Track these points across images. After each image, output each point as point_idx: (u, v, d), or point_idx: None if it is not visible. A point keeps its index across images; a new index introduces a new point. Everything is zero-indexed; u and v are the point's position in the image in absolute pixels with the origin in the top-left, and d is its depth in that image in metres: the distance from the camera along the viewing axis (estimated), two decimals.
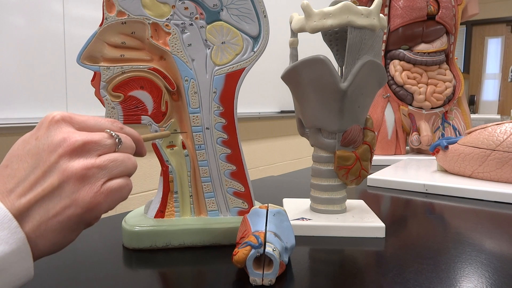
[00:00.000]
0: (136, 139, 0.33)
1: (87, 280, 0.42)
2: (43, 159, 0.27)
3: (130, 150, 0.31)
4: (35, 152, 0.27)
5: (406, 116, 1.16)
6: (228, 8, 0.49)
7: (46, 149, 0.27)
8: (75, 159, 0.27)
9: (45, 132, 0.28)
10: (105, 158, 0.28)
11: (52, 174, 0.27)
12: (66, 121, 0.28)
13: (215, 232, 0.50)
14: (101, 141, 0.28)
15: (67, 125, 0.28)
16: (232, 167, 0.52)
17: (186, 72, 0.49)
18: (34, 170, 0.27)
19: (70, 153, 0.27)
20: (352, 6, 0.51)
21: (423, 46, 1.13)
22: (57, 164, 0.27)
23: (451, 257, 0.47)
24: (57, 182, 0.27)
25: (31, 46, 1.35)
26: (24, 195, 0.26)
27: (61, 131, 0.28)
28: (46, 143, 0.27)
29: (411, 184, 0.82)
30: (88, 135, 0.28)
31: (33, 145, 0.27)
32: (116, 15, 0.47)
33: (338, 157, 0.56)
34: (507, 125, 0.82)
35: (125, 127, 0.32)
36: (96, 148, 0.28)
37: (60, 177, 0.27)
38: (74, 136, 0.27)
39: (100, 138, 0.29)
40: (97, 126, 0.30)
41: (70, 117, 0.29)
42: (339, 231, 0.54)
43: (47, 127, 0.28)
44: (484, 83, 5.43)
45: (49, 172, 0.27)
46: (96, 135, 0.28)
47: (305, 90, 0.55)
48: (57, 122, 0.28)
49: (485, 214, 0.66)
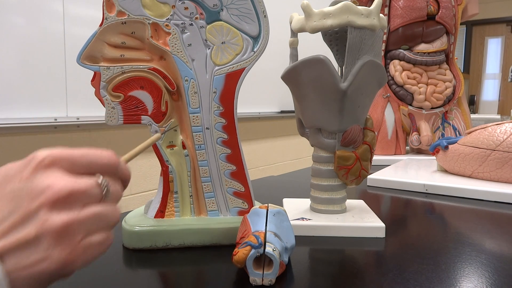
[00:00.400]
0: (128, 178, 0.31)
1: (87, 280, 0.41)
2: (23, 205, 0.25)
3: (117, 199, 0.29)
4: (16, 195, 0.25)
5: (406, 116, 1.16)
6: (228, 8, 0.49)
7: (28, 194, 0.25)
8: (57, 211, 0.25)
9: (31, 175, 0.25)
10: (88, 212, 0.26)
11: (30, 223, 0.24)
12: (56, 163, 0.26)
13: (215, 232, 0.50)
14: (87, 192, 0.26)
15: (55, 169, 0.26)
16: (232, 167, 0.52)
17: (186, 72, 0.49)
18: (12, 214, 0.25)
19: (53, 203, 0.25)
20: (352, 6, 0.51)
21: (423, 46, 1.13)
22: (36, 214, 0.24)
23: (451, 257, 0.47)
24: (34, 233, 0.24)
25: (31, 46, 1.35)
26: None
27: (47, 176, 0.25)
28: (29, 188, 0.25)
29: (411, 184, 0.82)
30: (75, 183, 0.26)
31: (16, 186, 0.25)
32: (116, 15, 0.47)
33: (338, 157, 0.56)
34: (507, 125, 0.82)
35: (121, 163, 0.30)
36: (81, 199, 0.26)
37: (38, 229, 0.24)
38: (59, 184, 0.25)
39: (87, 187, 0.26)
40: (90, 167, 0.27)
41: (60, 158, 0.26)
42: (339, 231, 0.54)
43: (34, 169, 0.25)
44: (484, 83, 5.43)
45: (27, 220, 0.24)
46: (83, 183, 0.26)
47: (305, 90, 0.55)
48: (46, 166, 0.26)
49: (485, 214, 0.66)
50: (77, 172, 0.27)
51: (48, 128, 1.43)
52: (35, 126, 1.38)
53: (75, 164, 0.27)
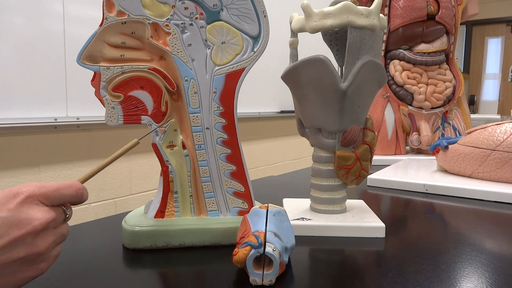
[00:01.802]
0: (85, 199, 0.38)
1: (87, 280, 0.42)
2: (13, 232, 0.31)
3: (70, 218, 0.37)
4: (4, 223, 0.31)
5: (406, 116, 1.16)
6: (228, 8, 0.49)
7: (16, 224, 0.32)
8: (40, 238, 0.33)
9: (17, 207, 0.32)
10: (58, 234, 0.35)
11: (19, 246, 0.31)
12: (35, 198, 0.33)
13: (215, 232, 0.50)
14: (57, 219, 0.35)
15: (36, 203, 0.33)
16: (232, 167, 0.52)
17: (186, 72, 0.49)
18: (1, 238, 0.31)
19: (36, 232, 0.33)
20: (352, 6, 0.51)
21: (423, 46, 1.13)
22: (24, 239, 0.32)
23: (451, 257, 0.47)
24: (23, 254, 0.32)
25: (31, 46, 1.35)
26: None
27: (31, 210, 0.33)
28: (17, 219, 0.32)
29: (411, 184, 0.82)
30: (50, 215, 0.34)
31: (4, 215, 0.31)
32: (116, 15, 0.47)
33: (338, 157, 0.56)
34: (507, 125, 0.82)
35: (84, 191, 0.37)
36: (54, 225, 0.35)
37: (27, 251, 0.32)
38: (40, 217, 0.33)
39: (57, 216, 0.35)
40: (61, 199, 0.35)
41: (39, 194, 0.34)
42: (339, 231, 0.54)
43: (20, 203, 0.32)
44: (484, 83, 5.43)
45: (16, 244, 0.31)
46: (54, 214, 0.34)
47: (305, 90, 0.55)
48: (29, 201, 0.33)
49: (485, 214, 0.66)
50: (51, 204, 0.35)
51: (48, 128, 1.43)
52: (35, 126, 1.38)
53: (49, 198, 0.34)
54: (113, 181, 1.67)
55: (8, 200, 0.32)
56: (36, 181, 0.34)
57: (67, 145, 1.52)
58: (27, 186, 0.34)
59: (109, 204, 1.66)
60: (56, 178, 1.49)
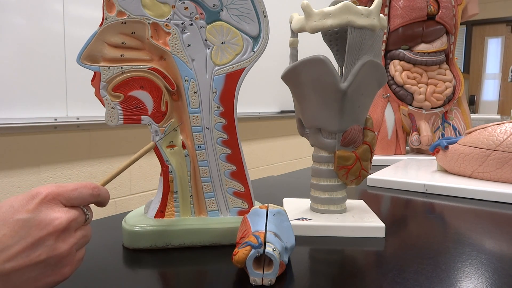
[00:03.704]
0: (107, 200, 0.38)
1: (87, 280, 0.42)
2: (33, 233, 0.30)
3: (91, 220, 0.37)
4: (25, 225, 0.30)
5: (406, 116, 1.16)
6: (228, 8, 0.49)
7: (36, 225, 0.31)
8: (61, 240, 0.32)
9: (36, 208, 0.31)
10: (79, 236, 0.34)
11: (40, 248, 0.31)
12: (55, 198, 0.33)
13: (215, 232, 0.50)
14: (77, 219, 0.34)
15: (55, 203, 0.33)
16: (232, 167, 0.52)
17: (186, 72, 0.49)
18: (22, 240, 0.30)
19: (58, 233, 0.32)
20: (352, 6, 0.51)
21: (423, 46, 1.13)
22: (45, 241, 0.31)
23: (451, 257, 0.47)
24: (45, 256, 0.31)
25: (31, 46, 1.35)
26: (9, 261, 0.30)
27: (51, 210, 0.32)
28: (37, 219, 0.31)
29: (411, 184, 0.82)
30: (70, 214, 0.33)
31: (24, 217, 0.31)
32: (116, 15, 0.47)
33: (338, 157, 0.56)
34: (507, 125, 0.82)
35: (101, 191, 0.37)
36: (74, 226, 0.33)
37: (49, 253, 0.31)
38: (61, 216, 0.32)
39: (77, 216, 0.34)
40: (79, 199, 0.34)
41: (58, 194, 0.33)
42: (339, 231, 0.54)
43: (39, 203, 0.32)
44: (484, 83, 5.43)
45: (37, 246, 0.30)
46: (75, 214, 0.33)
47: (305, 90, 0.55)
48: (49, 201, 0.32)
49: (485, 214, 0.66)
50: (71, 204, 0.34)
51: (48, 128, 1.43)
52: (35, 126, 1.38)
53: (68, 198, 0.33)
54: (113, 181, 1.67)
55: (27, 202, 0.32)
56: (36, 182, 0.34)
57: (67, 145, 1.52)
58: (45, 187, 0.33)
59: (109, 204, 1.65)
60: (56, 178, 1.49)
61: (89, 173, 1.59)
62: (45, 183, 1.43)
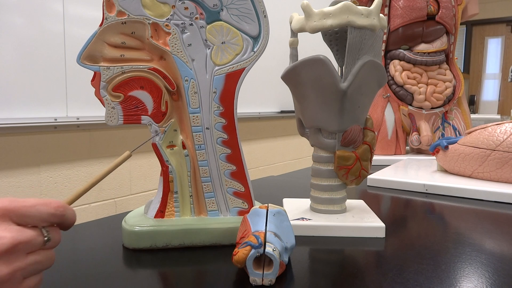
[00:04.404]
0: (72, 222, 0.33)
1: (87, 280, 0.41)
2: None
3: (56, 244, 0.32)
4: None
5: (406, 116, 1.16)
6: (228, 8, 0.49)
7: None
8: (3, 262, 0.27)
9: None
10: (30, 261, 0.29)
11: None
12: (4, 215, 0.28)
13: (215, 232, 0.50)
14: (31, 241, 0.29)
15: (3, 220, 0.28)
16: (232, 167, 0.52)
17: (186, 72, 0.49)
18: None
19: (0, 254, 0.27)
20: (352, 6, 0.51)
21: (423, 46, 1.13)
22: None
23: (451, 257, 0.47)
24: None
25: (31, 46, 1.35)
26: None
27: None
28: None
29: (411, 184, 0.82)
30: (20, 234, 0.28)
31: None
32: (116, 15, 0.47)
33: (338, 157, 0.56)
34: (507, 125, 0.82)
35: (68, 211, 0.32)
36: (25, 249, 0.29)
37: None
38: (6, 236, 0.27)
39: (31, 237, 0.29)
40: (36, 217, 0.30)
41: (8, 210, 0.28)
42: (339, 231, 0.54)
43: None
44: (484, 83, 5.43)
45: None
46: (28, 234, 0.29)
47: (305, 90, 0.55)
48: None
49: (485, 214, 0.66)
50: (25, 222, 0.29)
51: (48, 128, 1.43)
52: (35, 126, 1.38)
53: (21, 216, 0.29)
54: (113, 181, 1.67)
55: None
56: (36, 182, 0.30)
57: (67, 145, 1.52)
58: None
59: (109, 204, 1.66)
60: (56, 178, 1.49)
61: (89, 173, 1.59)
62: (45, 183, 1.44)
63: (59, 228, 0.32)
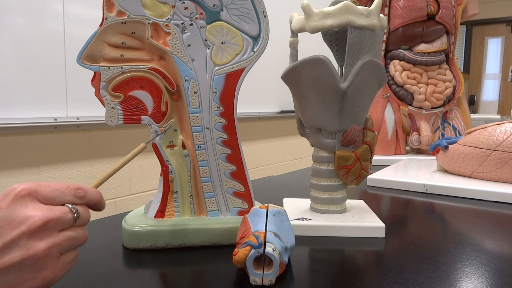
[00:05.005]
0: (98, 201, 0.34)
1: (87, 279, 0.42)
2: (5, 233, 0.28)
3: (86, 221, 0.33)
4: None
5: (406, 116, 1.16)
6: (228, 8, 0.49)
7: (9, 224, 0.28)
8: (37, 239, 0.29)
9: (10, 205, 0.29)
10: (64, 237, 0.30)
11: (13, 249, 0.28)
12: (32, 195, 0.30)
13: (215, 232, 0.50)
14: (61, 218, 0.30)
15: (31, 200, 0.29)
16: (232, 167, 0.52)
17: (186, 72, 0.49)
18: None
19: (32, 232, 0.28)
20: (352, 6, 0.51)
21: (423, 46, 1.13)
22: (19, 241, 0.28)
23: (451, 257, 0.47)
24: (19, 258, 0.28)
25: (31, 46, 1.35)
26: None
27: (25, 208, 0.29)
28: (9, 218, 0.28)
29: (411, 184, 0.82)
30: (50, 212, 0.30)
31: None
32: (116, 15, 0.47)
33: (338, 157, 0.56)
34: (507, 125, 0.82)
35: (88, 191, 0.33)
36: (57, 226, 0.30)
37: (23, 254, 0.28)
38: (37, 214, 0.29)
39: (61, 214, 0.30)
40: (60, 198, 0.31)
41: (35, 191, 0.30)
42: (339, 231, 0.54)
43: (12, 201, 0.29)
44: (484, 83, 5.43)
45: (10, 247, 0.28)
46: (57, 212, 0.30)
47: (305, 90, 0.55)
48: (23, 197, 0.29)
49: (485, 214, 0.66)
50: (50, 203, 0.30)
51: (48, 128, 1.43)
52: (35, 126, 1.38)
53: (48, 195, 0.30)
54: (113, 181, 1.67)
55: (2, 199, 0.29)
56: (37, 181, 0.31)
57: (67, 145, 1.52)
58: (23, 184, 0.30)
59: (109, 204, 1.66)
60: (56, 178, 1.49)
61: (89, 173, 1.59)
62: None
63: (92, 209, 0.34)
